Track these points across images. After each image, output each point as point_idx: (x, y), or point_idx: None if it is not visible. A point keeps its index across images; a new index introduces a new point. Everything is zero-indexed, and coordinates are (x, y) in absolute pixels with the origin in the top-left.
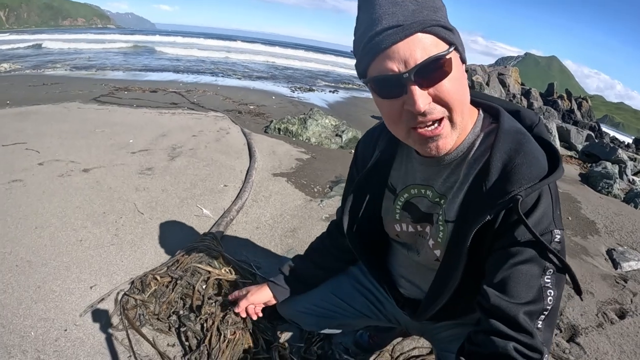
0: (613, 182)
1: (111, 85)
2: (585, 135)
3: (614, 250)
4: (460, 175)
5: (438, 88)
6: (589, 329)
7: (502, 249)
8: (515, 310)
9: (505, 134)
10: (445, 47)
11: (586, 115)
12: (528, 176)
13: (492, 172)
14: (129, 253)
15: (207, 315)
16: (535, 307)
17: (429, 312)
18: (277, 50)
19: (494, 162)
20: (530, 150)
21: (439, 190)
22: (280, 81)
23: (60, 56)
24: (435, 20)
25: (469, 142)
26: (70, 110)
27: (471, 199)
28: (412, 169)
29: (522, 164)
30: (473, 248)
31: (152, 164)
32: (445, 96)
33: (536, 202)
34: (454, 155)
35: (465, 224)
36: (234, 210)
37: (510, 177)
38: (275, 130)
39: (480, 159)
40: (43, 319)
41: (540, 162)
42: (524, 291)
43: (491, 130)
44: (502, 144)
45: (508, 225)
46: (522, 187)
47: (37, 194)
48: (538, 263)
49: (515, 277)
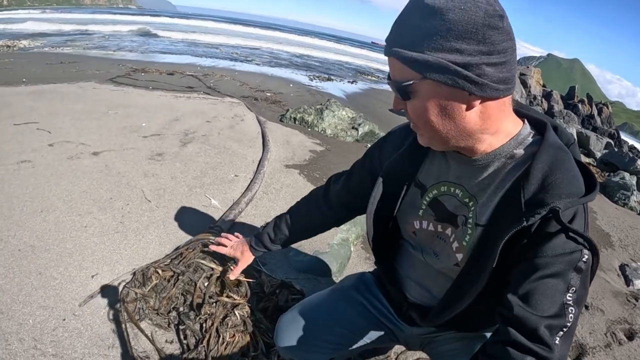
0: (630, 193)
1: (129, 66)
2: (605, 142)
3: (627, 266)
4: (496, 179)
5: (407, 106)
6: (596, 348)
7: (531, 259)
8: (537, 323)
9: (549, 146)
10: (411, 75)
11: (606, 121)
12: (568, 192)
13: (533, 181)
14: (133, 242)
15: (206, 316)
16: (556, 321)
17: (443, 318)
18: (296, 38)
19: (535, 172)
20: (571, 168)
21: (470, 190)
22: (299, 69)
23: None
24: (411, 48)
25: (509, 148)
26: (85, 90)
27: (506, 205)
28: (446, 166)
29: (564, 179)
30: (500, 256)
31: (163, 149)
32: (411, 115)
33: (572, 219)
34: (490, 158)
35: (498, 229)
36: (243, 202)
37: (551, 189)
38: (291, 120)
39: (521, 166)
40: (42, 306)
41: (580, 181)
42: (548, 305)
43: (535, 141)
44: (545, 156)
45: (542, 235)
46: (562, 200)
47: (45, 175)
48: (564, 279)
49: (541, 290)
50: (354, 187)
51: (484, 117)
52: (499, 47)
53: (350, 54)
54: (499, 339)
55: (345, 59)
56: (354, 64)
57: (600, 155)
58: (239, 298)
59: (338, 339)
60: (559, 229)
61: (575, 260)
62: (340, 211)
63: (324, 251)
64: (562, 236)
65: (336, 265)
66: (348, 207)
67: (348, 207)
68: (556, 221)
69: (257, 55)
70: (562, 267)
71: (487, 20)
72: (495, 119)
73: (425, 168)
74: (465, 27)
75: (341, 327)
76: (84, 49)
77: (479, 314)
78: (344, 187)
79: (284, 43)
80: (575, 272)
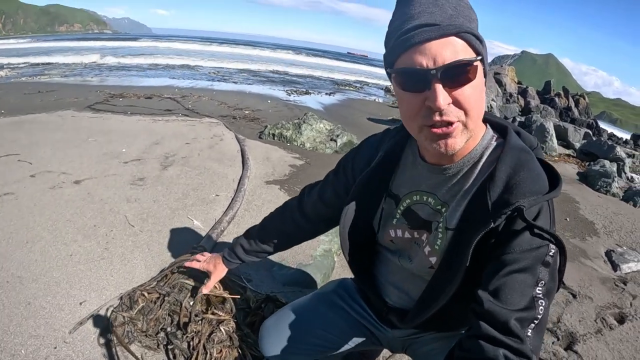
0: (612, 180)
1: (106, 92)
2: (583, 133)
3: (613, 252)
4: (465, 184)
5: (459, 92)
6: (587, 335)
7: (499, 256)
8: (507, 316)
9: (512, 149)
10: (473, 55)
11: (584, 112)
12: (532, 190)
13: (497, 183)
14: (119, 267)
15: (193, 334)
16: (526, 314)
17: (420, 318)
18: (268, 54)
19: (499, 174)
20: (534, 167)
21: (442, 198)
22: (276, 84)
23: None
24: (470, 28)
25: (477, 154)
26: (64, 118)
27: (474, 208)
28: (417, 176)
29: (527, 179)
30: (472, 256)
31: (144, 174)
32: (464, 101)
33: (536, 216)
34: (461, 165)
35: (467, 231)
36: (225, 221)
37: (515, 189)
38: (270, 136)
39: (486, 170)
40: (33, 336)
41: (543, 179)
42: (517, 299)
43: (498, 144)
44: (508, 158)
45: (508, 234)
46: (526, 198)
47: (29, 206)
48: (533, 273)
49: (510, 284)
50: (329, 199)
51: None
52: None
53: (327, 66)
54: (473, 333)
55: (322, 70)
56: (332, 76)
57: (580, 145)
58: (224, 314)
59: (321, 342)
60: (525, 226)
61: (542, 254)
62: (317, 223)
63: (307, 263)
64: (528, 233)
65: (320, 277)
66: (324, 219)
67: (324, 219)
68: (521, 219)
69: (234, 73)
70: (530, 262)
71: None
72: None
73: (397, 178)
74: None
75: (323, 330)
76: (62, 76)
77: (456, 313)
78: (318, 199)
79: (260, 61)
80: (543, 266)
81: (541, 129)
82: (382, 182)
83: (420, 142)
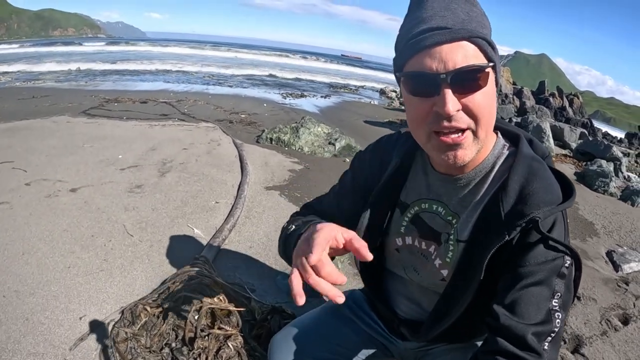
0: (609, 180)
1: (101, 96)
2: (579, 133)
3: (614, 252)
4: (477, 195)
5: (470, 98)
6: (593, 337)
7: (514, 269)
8: (524, 330)
9: (524, 158)
10: (485, 61)
11: (578, 111)
12: (545, 200)
13: (510, 194)
14: (118, 279)
15: (200, 350)
16: (543, 328)
17: (434, 332)
18: (263, 58)
19: (512, 185)
20: (547, 176)
21: (452, 208)
22: (272, 88)
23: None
24: (483, 34)
25: (489, 163)
26: (59, 124)
27: (486, 219)
28: (427, 184)
29: (540, 189)
30: (485, 269)
31: (141, 181)
32: (475, 107)
33: (551, 227)
34: (472, 175)
35: (480, 244)
36: (226, 230)
37: (528, 200)
38: (267, 140)
39: (498, 180)
40: (32, 354)
41: (556, 188)
42: (534, 313)
43: (510, 153)
44: (521, 167)
45: (523, 246)
46: (541, 209)
47: (24, 216)
48: (548, 286)
49: (526, 298)
50: (347, 208)
51: None
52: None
53: (321, 68)
54: (489, 348)
55: (317, 73)
56: (326, 78)
57: (576, 145)
58: (231, 329)
59: (332, 355)
60: (539, 238)
61: (558, 266)
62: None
63: None
64: (543, 245)
65: None
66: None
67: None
68: (536, 231)
69: (229, 77)
70: (545, 274)
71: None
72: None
73: (407, 185)
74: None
75: (334, 344)
76: (56, 81)
77: (470, 325)
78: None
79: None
80: (559, 278)
81: (538, 129)
82: (394, 190)
83: (429, 152)
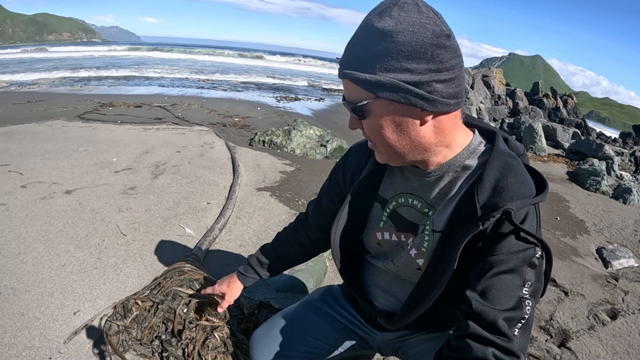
0: (601, 178)
1: (96, 101)
2: (572, 133)
3: (604, 249)
4: (452, 188)
5: (363, 123)
6: (580, 332)
7: (487, 258)
8: (495, 316)
9: (500, 153)
10: (365, 96)
11: (572, 112)
12: (519, 194)
13: (486, 187)
14: (112, 277)
15: (188, 340)
16: (514, 314)
17: (407, 319)
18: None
19: (487, 178)
20: (522, 172)
21: (428, 201)
22: (266, 91)
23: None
24: (363, 70)
25: (462, 157)
26: (54, 128)
27: (462, 211)
28: (403, 178)
29: (515, 183)
30: (459, 258)
31: (135, 183)
32: (368, 132)
33: (523, 219)
34: (444, 169)
35: (455, 234)
36: (216, 229)
37: (503, 193)
38: (260, 143)
39: (474, 174)
40: (28, 347)
41: (530, 184)
42: (505, 299)
43: (486, 149)
44: (496, 162)
45: (496, 236)
46: (514, 202)
47: (20, 217)
48: (519, 274)
49: (497, 285)
50: (326, 208)
51: (437, 131)
52: (447, 64)
53: (315, 73)
54: (461, 333)
55: (312, 76)
56: (321, 81)
57: (569, 145)
58: (218, 321)
59: (311, 349)
60: (512, 229)
61: (529, 256)
62: (319, 232)
63: (300, 269)
64: (515, 235)
65: (313, 282)
66: (325, 229)
67: (325, 228)
68: (509, 222)
69: (224, 82)
70: (516, 263)
71: (435, 40)
72: (448, 132)
73: (385, 182)
74: (414, 48)
75: (312, 338)
76: (50, 86)
77: (444, 314)
78: (316, 209)
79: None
80: (529, 267)
81: (530, 129)
82: (372, 187)
83: None
